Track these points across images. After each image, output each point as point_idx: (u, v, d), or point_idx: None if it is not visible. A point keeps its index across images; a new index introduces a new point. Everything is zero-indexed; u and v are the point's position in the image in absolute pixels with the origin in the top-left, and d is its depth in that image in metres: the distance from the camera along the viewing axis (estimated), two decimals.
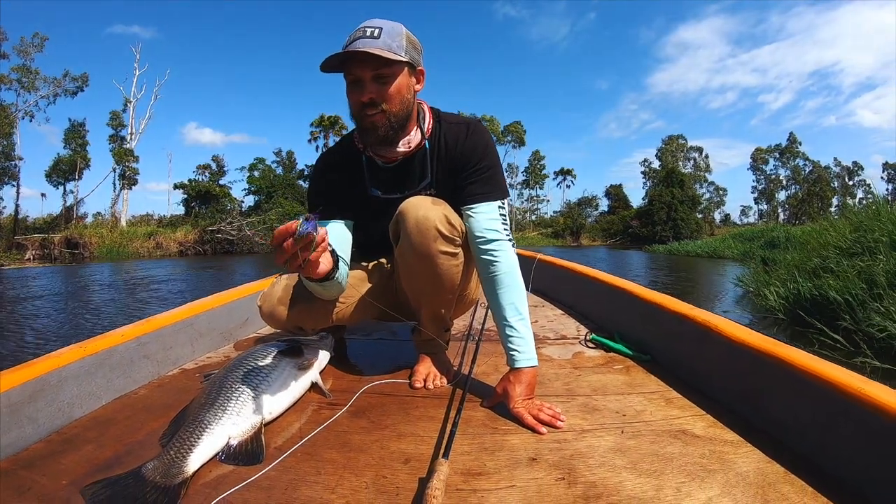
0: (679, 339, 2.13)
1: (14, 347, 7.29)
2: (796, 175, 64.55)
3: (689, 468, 1.38)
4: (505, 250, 1.90)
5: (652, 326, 2.36)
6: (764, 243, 23.12)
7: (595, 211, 66.02)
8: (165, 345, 2.19)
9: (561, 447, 1.51)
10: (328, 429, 1.63)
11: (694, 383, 1.98)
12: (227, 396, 1.60)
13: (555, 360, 2.29)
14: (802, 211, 59.28)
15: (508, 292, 1.88)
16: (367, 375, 2.12)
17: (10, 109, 37.19)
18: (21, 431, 1.52)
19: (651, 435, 1.58)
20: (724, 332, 1.85)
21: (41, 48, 38.58)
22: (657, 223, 54.03)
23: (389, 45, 1.74)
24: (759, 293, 9.11)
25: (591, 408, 1.79)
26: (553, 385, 2.01)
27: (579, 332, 2.80)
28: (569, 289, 3.57)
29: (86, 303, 12.01)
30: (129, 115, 44.26)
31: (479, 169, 1.96)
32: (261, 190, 47.42)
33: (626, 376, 2.11)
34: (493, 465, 1.41)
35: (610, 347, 2.42)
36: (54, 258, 30.17)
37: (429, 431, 1.62)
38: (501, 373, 1.91)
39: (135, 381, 2.01)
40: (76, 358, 1.76)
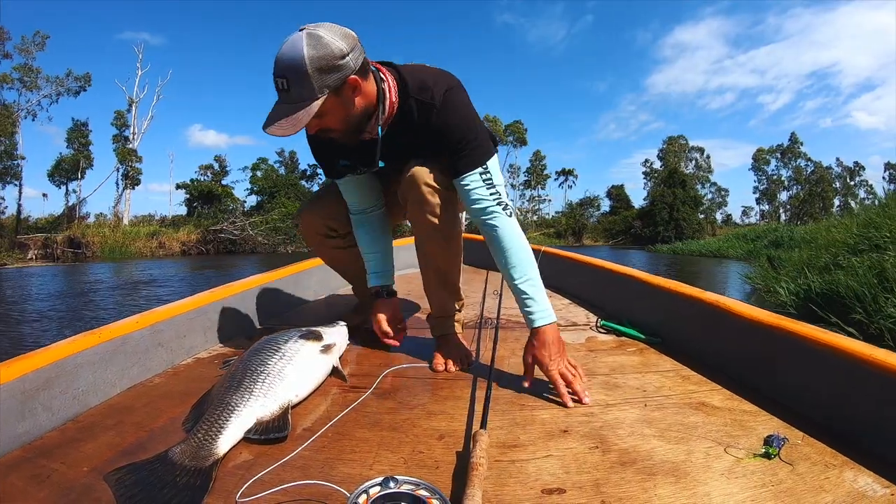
0: (690, 321, 2.18)
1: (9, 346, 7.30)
2: (798, 175, 64.48)
3: (713, 435, 1.42)
4: (496, 216, 1.91)
5: (661, 310, 2.40)
6: (768, 243, 23.17)
7: (597, 211, 65.94)
8: (179, 333, 2.18)
9: (590, 420, 1.52)
10: (356, 410, 1.62)
11: (707, 361, 2.01)
12: (254, 378, 1.59)
13: (570, 344, 2.29)
14: (804, 211, 59.21)
15: (510, 257, 1.90)
16: (388, 361, 2.12)
17: (12, 108, 37.24)
18: (36, 419, 1.49)
19: (673, 407, 1.61)
20: (735, 312, 1.91)
21: (43, 47, 38.63)
22: (659, 223, 54.08)
23: (300, 96, 1.63)
24: (769, 289, 9.13)
25: (612, 385, 1.81)
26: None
27: (589, 319, 2.81)
28: (575, 279, 3.58)
29: (90, 302, 12.03)
30: (132, 115, 44.27)
31: (454, 146, 1.92)
32: (263, 190, 47.50)
33: (641, 357, 2.13)
34: (526, 438, 1.42)
35: (621, 332, 2.44)
36: (57, 258, 30.31)
37: (458, 409, 1.62)
38: (519, 356, 1.93)
39: (149, 369, 1.98)
40: (91, 344, 1.73)
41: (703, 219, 58.01)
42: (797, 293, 7.95)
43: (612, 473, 1.23)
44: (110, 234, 34.34)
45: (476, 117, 1.97)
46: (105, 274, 20.03)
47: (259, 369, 1.62)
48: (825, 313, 6.43)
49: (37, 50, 38.41)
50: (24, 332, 8.45)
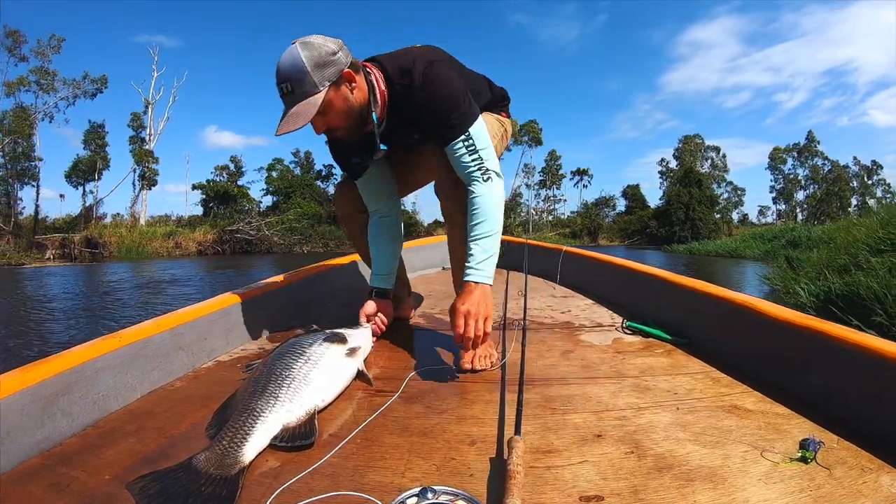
0: (717, 322, 2.14)
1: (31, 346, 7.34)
2: (815, 175, 64.02)
3: (748, 439, 1.40)
4: (474, 182, 1.99)
5: (687, 311, 2.36)
6: (785, 243, 23.00)
7: (612, 211, 65.56)
8: (200, 335, 2.15)
9: (623, 424, 1.49)
10: (384, 415, 1.59)
11: (736, 363, 1.97)
12: (279, 384, 1.56)
13: (597, 346, 2.27)
14: (821, 211, 58.75)
15: (476, 217, 1.97)
16: (412, 363, 2.09)
17: (29, 111, 37.51)
18: (55, 425, 1.46)
19: (706, 411, 1.58)
20: (763, 312, 1.88)
21: (58, 49, 38.91)
22: (675, 223, 53.71)
23: (304, 93, 1.79)
24: (789, 290, 9.03)
25: (643, 388, 1.78)
26: (601, 368, 1.99)
27: (613, 319, 2.78)
28: (597, 279, 3.54)
29: (110, 301, 12.09)
30: (148, 116, 44.45)
31: (438, 119, 2.00)
32: (279, 190, 47.68)
33: (669, 359, 2.10)
34: (560, 443, 1.39)
35: (647, 333, 2.40)
36: (74, 257, 30.50)
37: (488, 413, 1.59)
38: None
39: (170, 373, 1.96)
40: (111, 349, 1.70)
41: (719, 218, 57.59)
42: (817, 294, 7.88)
43: (649, 479, 1.21)
44: (127, 234, 34.53)
45: (458, 87, 2.01)
46: (123, 274, 20.16)
47: (284, 374, 1.60)
48: (846, 315, 6.37)
49: (53, 53, 38.70)
50: (45, 332, 8.50)
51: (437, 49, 2.14)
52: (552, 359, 2.11)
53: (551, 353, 2.18)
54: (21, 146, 36.86)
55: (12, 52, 37.12)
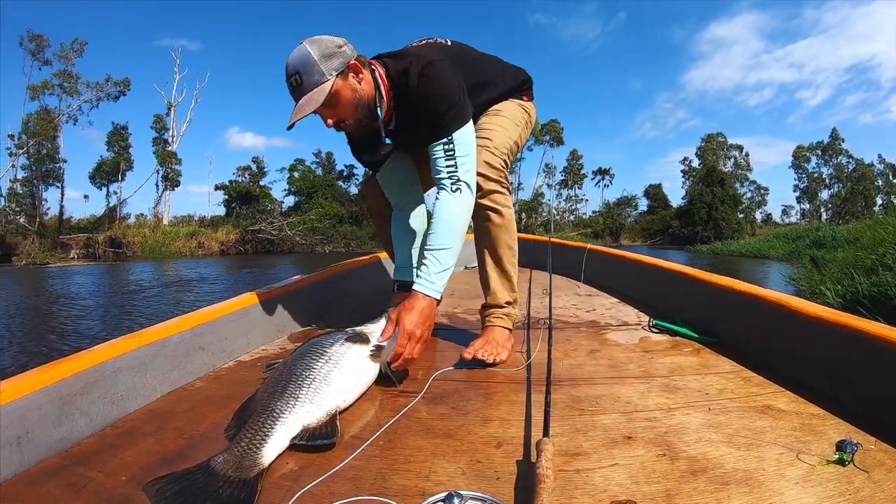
0: (748, 320, 2.09)
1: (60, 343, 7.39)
2: (839, 173, 63.34)
3: (783, 440, 1.35)
4: (442, 190, 1.98)
5: (715, 309, 2.31)
6: (810, 243, 22.78)
7: (634, 211, 65.30)
8: (220, 336, 2.15)
9: (653, 425, 1.45)
10: (407, 416, 1.56)
11: (767, 362, 1.92)
12: (299, 384, 1.53)
13: (623, 345, 2.23)
14: (846, 210, 58.08)
15: (435, 226, 1.96)
16: (435, 363, 2.07)
17: (53, 114, 38.01)
18: (73, 425, 1.45)
19: (738, 411, 1.53)
20: (797, 309, 1.82)
21: (81, 53, 39.45)
22: (698, 223, 53.31)
23: (312, 83, 1.84)
24: (815, 291, 8.90)
25: (673, 387, 1.73)
26: (629, 368, 1.94)
27: (640, 318, 2.73)
28: (622, 277, 3.50)
29: (134, 300, 12.16)
30: (171, 118, 44.94)
31: (429, 119, 2.00)
32: (301, 191, 47.91)
33: (698, 358, 2.04)
34: (589, 446, 1.34)
35: (675, 332, 2.35)
36: (98, 257, 30.95)
37: (514, 415, 1.55)
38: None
39: (190, 372, 1.95)
40: (131, 348, 1.70)
41: (742, 218, 57.15)
42: (843, 295, 7.76)
43: (683, 483, 1.16)
44: (150, 234, 34.88)
45: (450, 89, 2.00)
46: (147, 273, 20.32)
47: (304, 374, 1.57)
48: (873, 315, 6.26)
49: (76, 56, 39.23)
50: (71, 331, 8.55)
51: (437, 47, 2.20)
52: (578, 358, 2.06)
53: (577, 352, 2.14)
54: (45, 148, 37.31)
55: (36, 57, 37.68)
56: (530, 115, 2.47)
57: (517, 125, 2.34)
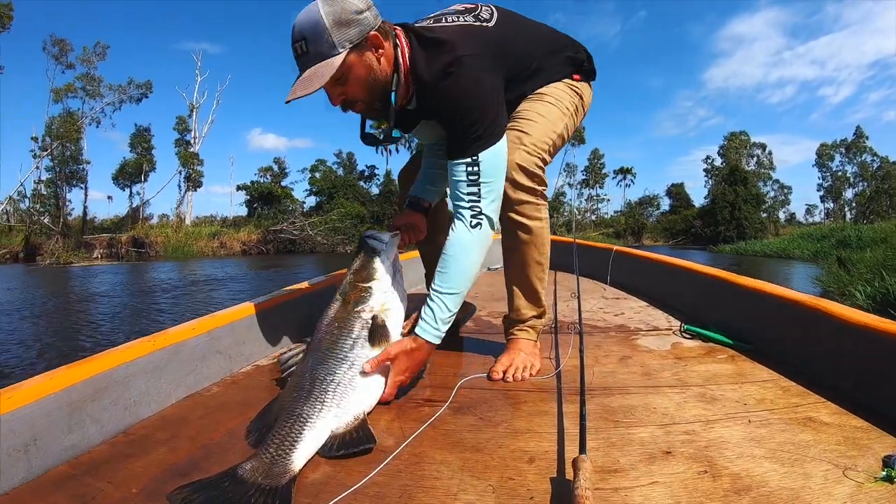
0: (784, 326, 2.01)
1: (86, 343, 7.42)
2: (864, 171, 62.60)
3: (828, 456, 1.27)
4: (460, 220, 1.79)
5: (750, 314, 2.23)
6: (835, 242, 22.51)
7: (656, 210, 64.96)
8: (238, 339, 2.09)
9: (692, 439, 1.37)
10: (433, 427, 1.49)
11: (806, 370, 1.84)
12: (324, 388, 1.49)
13: (655, 351, 2.16)
14: (870, 209, 57.35)
15: (446, 264, 1.78)
16: (462, 370, 2.01)
17: (77, 116, 38.53)
18: (84, 432, 1.40)
19: (779, 423, 1.46)
20: (838, 315, 1.72)
21: (104, 56, 40.09)
22: (720, 223, 52.86)
23: (320, 54, 1.59)
24: (844, 293, 8.76)
25: (710, 398, 1.65)
26: (663, 376, 1.87)
27: (670, 322, 2.65)
28: (650, 280, 3.42)
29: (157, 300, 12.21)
30: (193, 119, 45.47)
31: (448, 127, 1.81)
32: (322, 191, 47.98)
33: (733, 365, 1.97)
34: (626, 462, 1.27)
35: (708, 337, 2.27)
36: (121, 257, 31.34)
37: (546, 427, 1.48)
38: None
39: (206, 377, 1.90)
40: (145, 352, 1.64)
41: (765, 218, 56.64)
42: (873, 296, 7.62)
43: (727, 503, 1.10)
44: (173, 234, 35.31)
45: (482, 100, 1.75)
46: (170, 273, 20.45)
47: (328, 378, 1.53)
48: None
49: (98, 60, 39.84)
50: (96, 331, 8.60)
51: (477, 33, 1.84)
52: (610, 365, 2.00)
53: (608, 359, 2.08)
54: (69, 150, 37.86)
55: (59, 60, 38.20)
56: (583, 97, 2.16)
57: (564, 113, 2.03)
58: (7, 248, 30.90)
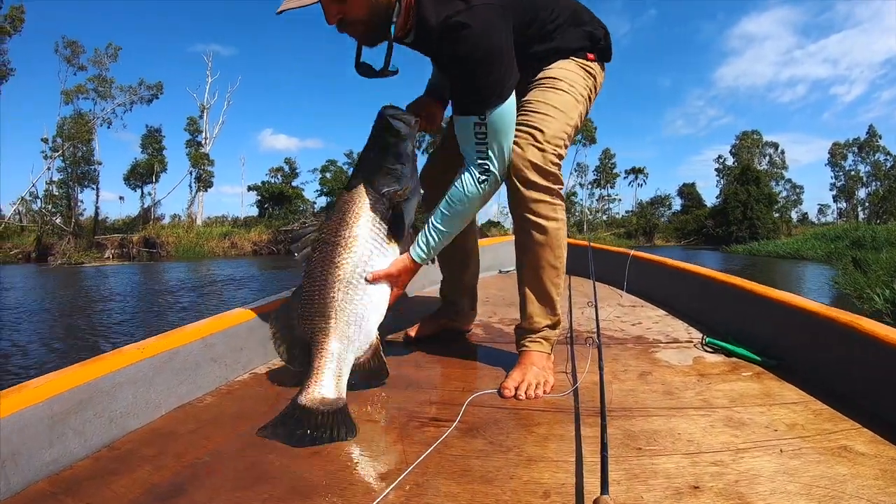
0: (815, 342, 1.88)
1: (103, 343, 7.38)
2: (877, 171, 62.25)
3: (867, 493, 1.16)
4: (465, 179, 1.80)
5: (777, 327, 2.10)
6: (849, 243, 22.33)
7: (668, 210, 64.82)
8: (235, 346, 1.99)
9: (721, 471, 1.26)
10: (438, 451, 1.37)
11: (838, 391, 1.71)
12: (347, 322, 1.71)
13: (676, 367, 2.04)
14: (884, 209, 56.94)
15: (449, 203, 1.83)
16: (470, 384, 1.90)
17: (88, 117, 38.87)
18: (65, 446, 1.32)
19: (813, 453, 1.33)
20: (874, 334, 1.59)
21: (115, 58, 40.40)
22: (732, 223, 52.71)
23: None
24: (861, 295, 8.61)
25: (738, 422, 1.53)
26: (686, 396, 1.74)
27: (690, 333, 2.53)
28: (669, 288, 3.28)
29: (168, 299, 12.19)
30: (204, 120, 45.88)
31: (453, 80, 1.76)
32: (333, 191, 48.07)
33: (760, 384, 1.84)
34: (651, 498, 1.15)
35: (731, 352, 2.14)
36: (132, 257, 31.63)
37: (562, 454, 1.36)
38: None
39: (200, 387, 1.81)
40: (133, 360, 1.55)
41: (777, 218, 56.37)
42: (893, 300, 7.47)
43: None
44: (184, 234, 35.58)
45: (491, 54, 1.66)
46: (181, 273, 20.49)
47: (349, 309, 1.72)
48: None
49: (110, 61, 40.14)
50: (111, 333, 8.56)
51: None
52: (629, 382, 1.88)
53: (627, 374, 1.96)
54: (81, 151, 38.26)
55: (71, 62, 38.51)
56: (596, 80, 2.05)
57: (578, 100, 1.92)
58: (19, 249, 31.22)
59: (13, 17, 33.15)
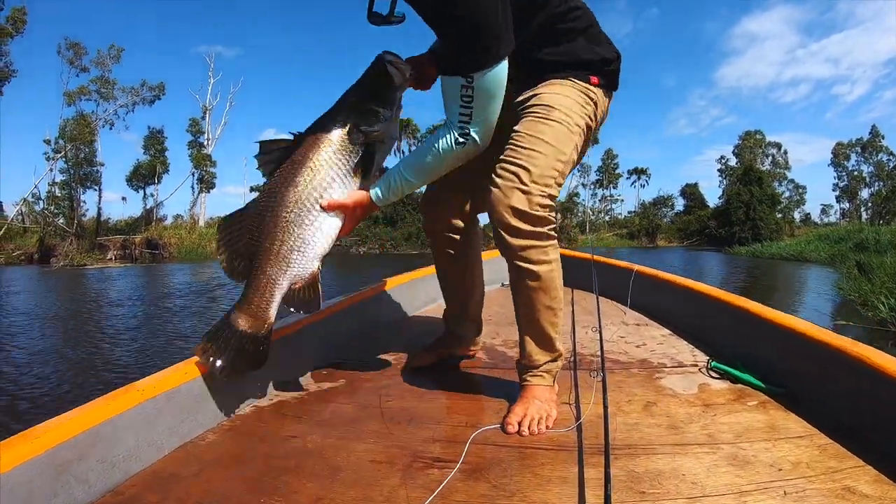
0: (822, 373, 1.84)
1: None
2: (880, 171, 62.17)
3: None
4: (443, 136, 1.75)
5: (783, 353, 2.05)
6: (853, 245, 22.26)
7: (671, 211, 64.96)
8: (235, 380, 1.92)
9: None
10: (442, 496, 1.33)
11: (843, 424, 1.67)
12: (291, 243, 1.78)
13: (681, 396, 2.00)
14: (887, 209, 56.84)
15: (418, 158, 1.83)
16: (473, 418, 1.86)
17: (90, 118, 38.93)
18: (70, 495, 1.30)
19: (817, 496, 1.31)
20: (883, 369, 1.56)
21: (118, 59, 40.52)
22: (735, 223, 52.68)
23: None
24: (866, 302, 8.60)
25: (742, 460, 1.50)
26: (690, 430, 1.71)
27: (695, 356, 2.48)
28: (674, 306, 3.21)
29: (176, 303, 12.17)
30: (206, 121, 46.04)
31: (440, 34, 1.70)
32: None
33: (765, 415, 1.81)
34: None
35: (736, 378, 2.10)
36: (135, 258, 31.65)
37: (566, 497, 1.33)
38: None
39: (201, 423, 1.77)
40: (133, 404, 1.52)
41: (780, 218, 56.30)
42: None
43: None
44: (186, 235, 35.63)
45: (486, 11, 1.53)
46: (184, 276, 20.47)
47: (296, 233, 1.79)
48: None
49: (113, 63, 40.28)
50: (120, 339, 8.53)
51: None
52: (634, 414, 1.84)
53: (632, 405, 1.92)
54: (83, 152, 38.39)
55: (73, 64, 38.67)
56: (598, 107, 1.92)
57: (572, 132, 1.79)
58: (22, 250, 31.22)
59: (15, 18, 33.19)
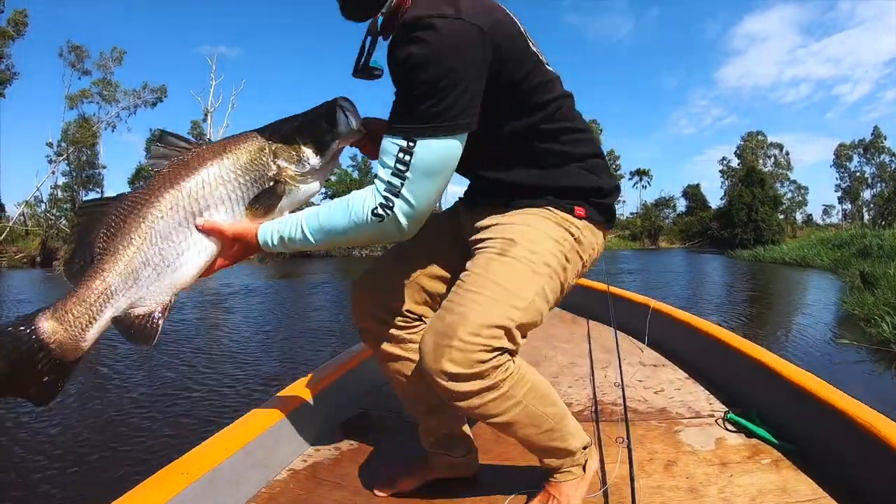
0: (832, 434, 1.87)
1: None
2: (882, 172, 62.09)
3: None
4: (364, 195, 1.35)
5: (797, 410, 2.08)
6: (856, 251, 22.24)
7: (672, 212, 64.99)
8: (271, 443, 1.95)
9: None
10: None
11: (850, 489, 1.72)
12: (145, 258, 1.37)
13: (700, 453, 2.04)
14: (889, 210, 56.78)
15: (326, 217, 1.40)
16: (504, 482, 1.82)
17: (92, 121, 39.16)
18: None
19: None
20: (888, 441, 1.60)
21: (120, 62, 40.61)
22: (737, 225, 52.62)
23: None
24: (870, 319, 8.65)
25: None
26: (709, 494, 1.75)
27: (711, 405, 2.53)
28: (690, 347, 3.19)
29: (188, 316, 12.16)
30: (208, 124, 46.02)
31: (399, 81, 1.39)
32: (337, 194, 47.70)
33: (777, 476, 1.86)
34: None
35: (751, 432, 2.16)
36: None
37: None
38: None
39: (245, 494, 1.77)
40: (178, 490, 1.50)
41: (782, 219, 56.21)
42: None
43: None
44: None
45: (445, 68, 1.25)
46: None
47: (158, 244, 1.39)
48: None
49: (114, 65, 40.38)
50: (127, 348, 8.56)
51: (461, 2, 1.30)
52: (656, 475, 1.87)
53: (653, 465, 1.95)
54: (85, 155, 38.64)
55: (75, 67, 38.83)
56: (582, 243, 1.57)
57: (537, 272, 1.46)
58: (24, 253, 31.19)
59: (16, 20, 33.23)
